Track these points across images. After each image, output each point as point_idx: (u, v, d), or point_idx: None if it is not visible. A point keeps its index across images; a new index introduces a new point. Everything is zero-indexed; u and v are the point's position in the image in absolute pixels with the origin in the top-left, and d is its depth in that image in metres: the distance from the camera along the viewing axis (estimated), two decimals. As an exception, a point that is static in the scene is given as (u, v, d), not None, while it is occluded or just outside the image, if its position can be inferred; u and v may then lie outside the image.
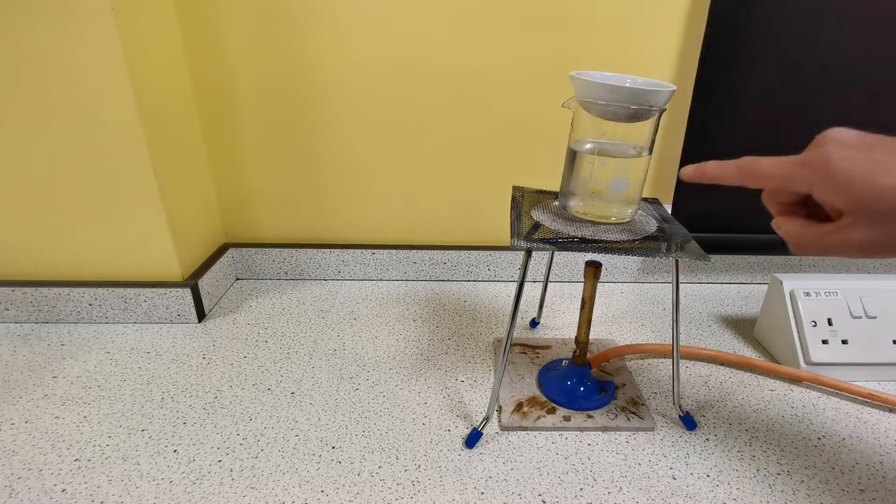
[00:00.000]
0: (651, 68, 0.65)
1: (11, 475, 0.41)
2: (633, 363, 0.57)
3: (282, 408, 0.49)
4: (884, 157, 0.26)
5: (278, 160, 0.69)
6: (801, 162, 0.29)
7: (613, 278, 0.77)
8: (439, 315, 0.66)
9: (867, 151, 0.27)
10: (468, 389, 0.52)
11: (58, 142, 0.54)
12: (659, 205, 0.51)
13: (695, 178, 0.35)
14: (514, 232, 0.42)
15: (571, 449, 0.45)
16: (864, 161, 0.27)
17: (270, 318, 0.64)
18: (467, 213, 0.73)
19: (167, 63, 0.59)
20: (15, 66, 0.51)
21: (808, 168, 0.28)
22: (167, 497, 0.39)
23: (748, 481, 0.42)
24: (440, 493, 0.40)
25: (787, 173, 0.29)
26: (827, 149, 0.28)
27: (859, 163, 0.27)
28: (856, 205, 0.27)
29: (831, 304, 0.56)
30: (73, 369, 0.53)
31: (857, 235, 0.27)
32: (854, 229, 0.27)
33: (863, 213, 0.27)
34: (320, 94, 0.65)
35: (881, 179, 0.26)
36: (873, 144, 0.27)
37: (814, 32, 0.61)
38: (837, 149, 0.27)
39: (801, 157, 0.29)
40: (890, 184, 0.26)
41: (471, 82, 0.65)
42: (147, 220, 0.58)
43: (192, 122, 0.64)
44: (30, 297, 0.60)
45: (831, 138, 0.28)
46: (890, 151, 0.26)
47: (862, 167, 0.26)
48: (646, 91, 0.38)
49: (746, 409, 0.50)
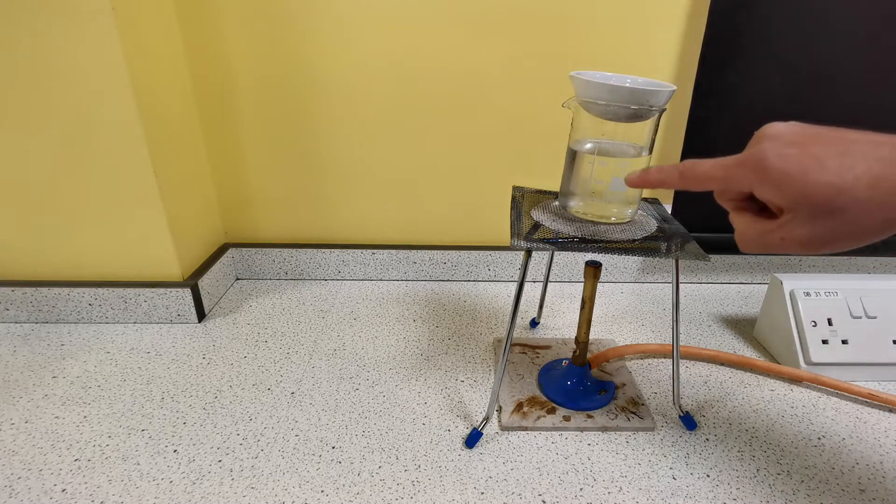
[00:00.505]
0: (651, 68, 0.65)
1: (11, 475, 0.41)
2: (633, 363, 0.57)
3: (282, 408, 0.49)
4: (819, 152, 0.26)
5: (278, 160, 0.69)
6: (738, 162, 0.29)
7: (613, 278, 0.77)
8: (439, 315, 0.66)
9: (802, 147, 0.26)
10: (468, 389, 0.52)
11: (58, 142, 0.54)
12: (659, 205, 0.51)
13: (638, 184, 0.35)
14: (514, 232, 0.42)
15: (571, 449, 0.45)
16: (800, 157, 0.26)
17: (270, 318, 0.64)
18: (467, 213, 0.73)
19: (167, 63, 0.59)
20: (15, 66, 0.51)
21: (745, 168, 0.28)
22: (167, 497, 0.39)
23: (748, 481, 0.42)
24: (440, 493, 0.40)
25: (726, 175, 0.29)
26: (763, 146, 0.27)
27: (794, 160, 0.26)
28: (793, 202, 0.26)
29: (831, 304, 0.56)
30: (73, 369, 0.53)
31: (796, 232, 0.27)
32: (793, 226, 0.27)
33: (801, 209, 0.26)
34: (320, 94, 0.65)
35: (816, 176, 0.25)
36: (809, 140, 0.27)
37: (813, 32, 0.61)
38: (773, 146, 0.27)
39: (739, 158, 0.29)
40: (825, 180, 0.25)
41: (471, 82, 0.65)
42: (147, 220, 0.58)
43: (192, 122, 0.64)
44: (30, 297, 0.60)
45: (767, 135, 0.28)
46: (825, 145, 0.26)
47: (797, 164, 0.26)
48: (646, 91, 0.38)
49: (746, 409, 0.50)
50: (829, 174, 0.25)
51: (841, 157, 0.25)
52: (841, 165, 0.25)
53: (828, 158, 0.25)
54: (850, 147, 0.25)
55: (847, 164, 0.25)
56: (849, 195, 0.25)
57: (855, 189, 0.25)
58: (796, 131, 0.27)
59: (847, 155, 0.25)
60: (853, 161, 0.25)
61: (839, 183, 0.25)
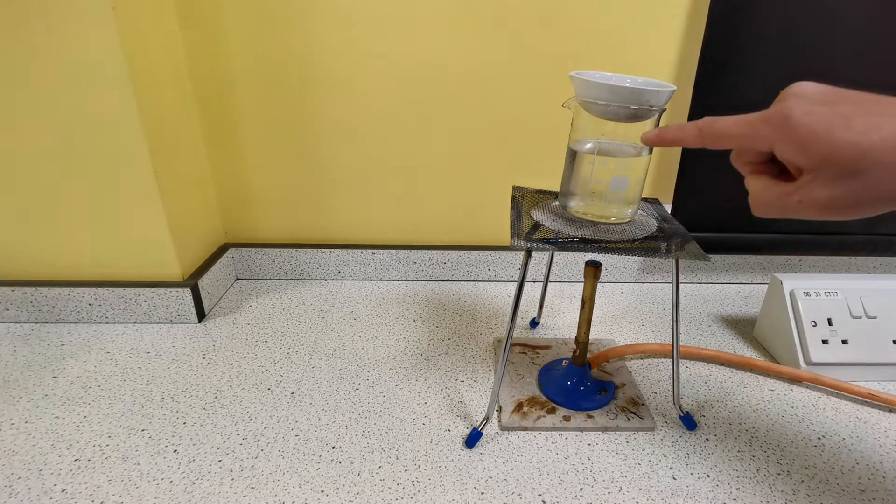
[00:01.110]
0: (651, 68, 0.65)
1: (11, 475, 0.41)
2: (633, 363, 0.57)
3: (282, 408, 0.49)
4: (847, 111, 0.25)
5: (278, 160, 0.69)
6: (763, 118, 0.27)
7: (613, 278, 0.77)
8: (439, 315, 0.66)
9: (830, 106, 0.25)
10: (468, 389, 0.52)
11: (58, 142, 0.54)
12: (659, 205, 0.51)
13: (655, 142, 0.34)
14: (514, 232, 0.42)
15: (571, 449, 0.45)
16: (827, 115, 0.25)
17: (270, 318, 0.64)
18: (467, 213, 0.73)
19: (167, 63, 0.59)
20: (15, 66, 0.51)
21: (768, 124, 0.27)
22: (167, 497, 0.39)
23: (748, 481, 0.42)
24: (440, 493, 0.40)
25: (748, 131, 0.28)
26: (789, 103, 0.26)
27: (821, 117, 0.25)
28: (816, 161, 0.25)
29: (831, 304, 0.56)
30: (73, 369, 0.53)
31: (817, 194, 0.26)
32: (814, 188, 0.26)
33: (823, 170, 0.25)
34: (320, 94, 0.65)
35: (842, 134, 0.24)
36: (838, 99, 0.25)
37: (813, 32, 0.61)
38: (800, 103, 0.26)
39: (763, 114, 0.27)
40: (851, 139, 0.24)
41: (470, 82, 0.65)
42: (147, 220, 0.58)
43: (192, 121, 0.64)
44: (30, 297, 0.60)
45: (794, 93, 0.27)
46: (854, 105, 0.25)
47: (823, 122, 0.25)
48: (646, 91, 0.38)
49: (746, 409, 0.50)
50: (854, 133, 0.24)
51: (869, 116, 0.24)
52: (868, 125, 0.24)
53: (855, 118, 0.24)
54: (880, 108, 0.24)
55: (875, 123, 0.24)
56: (873, 157, 0.24)
57: (880, 150, 0.24)
58: (826, 90, 0.26)
59: (876, 115, 0.24)
60: (881, 121, 0.24)
61: (864, 143, 0.24)
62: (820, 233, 0.73)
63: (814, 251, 0.74)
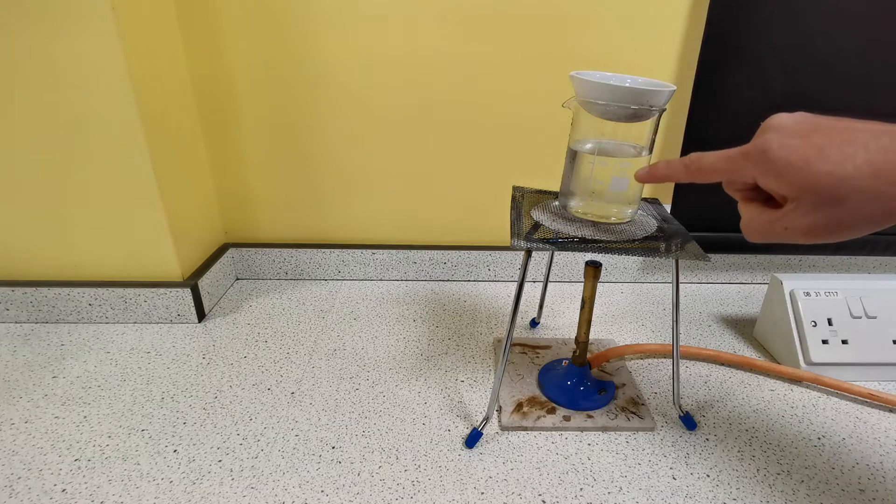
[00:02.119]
0: (651, 68, 0.65)
1: (11, 475, 0.41)
2: (633, 363, 0.57)
3: (282, 408, 0.49)
4: (821, 142, 0.26)
5: (278, 160, 0.69)
6: (742, 154, 0.29)
7: (613, 278, 0.77)
8: (439, 315, 0.66)
9: (805, 138, 0.27)
10: (468, 389, 0.52)
11: (58, 142, 0.54)
12: (659, 205, 0.51)
13: (646, 179, 0.36)
14: (514, 232, 0.42)
15: (571, 449, 0.45)
16: (802, 147, 0.26)
17: (270, 318, 0.64)
18: (467, 212, 0.73)
19: (167, 63, 0.59)
20: (15, 66, 0.51)
21: (748, 159, 0.29)
22: (167, 497, 0.39)
23: (748, 481, 0.42)
24: (440, 493, 0.40)
25: (730, 167, 0.30)
26: (766, 136, 0.28)
27: (797, 150, 0.26)
28: (796, 191, 0.27)
29: (831, 304, 0.56)
30: (73, 369, 0.53)
31: (800, 221, 0.27)
32: (797, 215, 0.27)
33: (804, 199, 0.27)
34: (321, 94, 0.65)
35: (818, 165, 0.26)
36: (812, 129, 0.27)
37: (813, 32, 0.61)
38: (776, 137, 0.27)
39: (742, 150, 0.29)
40: (826, 169, 0.25)
41: (471, 82, 0.65)
42: (147, 220, 0.58)
43: (192, 122, 0.64)
44: (30, 297, 0.60)
45: (772, 126, 0.28)
46: (827, 135, 0.26)
47: (799, 154, 0.26)
48: (646, 91, 0.38)
49: (746, 409, 0.50)
50: (830, 164, 0.25)
51: (842, 146, 0.25)
52: (842, 155, 0.25)
53: (830, 148, 0.26)
54: (852, 136, 0.26)
55: (849, 153, 0.25)
56: (850, 184, 0.25)
57: (856, 178, 0.25)
58: (799, 121, 0.28)
59: (849, 144, 0.25)
60: (855, 150, 0.25)
61: (840, 173, 0.25)
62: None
63: (814, 251, 0.74)
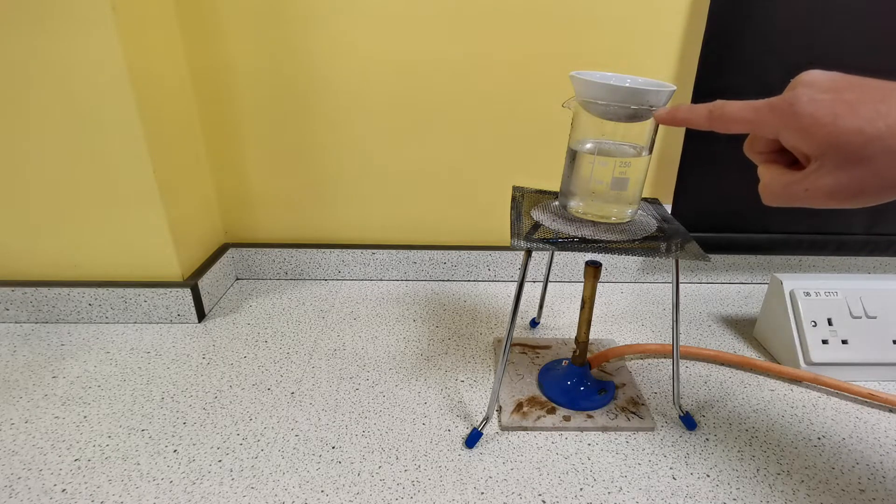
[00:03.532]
0: (651, 68, 0.65)
1: (11, 475, 0.41)
2: (633, 363, 0.57)
3: (282, 408, 0.49)
4: (852, 98, 0.25)
5: (278, 160, 0.69)
6: (770, 105, 0.28)
7: (613, 278, 0.77)
8: (439, 315, 0.66)
9: (836, 93, 0.25)
10: (468, 389, 0.52)
11: (58, 142, 0.54)
12: (659, 205, 0.51)
13: (667, 121, 0.34)
14: (514, 232, 0.42)
15: (571, 449, 0.45)
16: (832, 103, 0.25)
17: (270, 318, 0.64)
18: (467, 212, 0.73)
19: (167, 63, 0.59)
20: (15, 66, 0.51)
21: (775, 111, 0.27)
22: (167, 497, 0.39)
23: (748, 481, 0.42)
24: (440, 493, 0.40)
25: (755, 117, 0.28)
26: (797, 92, 0.26)
27: (826, 105, 0.25)
28: (821, 149, 0.25)
29: (831, 304, 0.56)
30: (73, 369, 0.53)
31: (823, 182, 0.26)
32: (820, 175, 0.26)
33: (829, 157, 0.25)
34: (321, 94, 0.65)
35: (847, 121, 0.24)
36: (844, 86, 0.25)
37: (814, 32, 0.61)
38: (806, 91, 0.26)
39: (770, 101, 0.28)
40: (856, 126, 0.24)
41: (471, 82, 0.65)
42: (147, 220, 0.58)
43: (192, 121, 0.64)
44: (30, 297, 0.60)
45: (802, 81, 0.27)
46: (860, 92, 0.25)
47: (828, 109, 0.25)
48: (646, 91, 0.38)
49: (746, 409, 0.50)
50: (860, 120, 0.24)
51: (875, 104, 0.24)
52: (874, 112, 0.24)
53: (861, 105, 0.24)
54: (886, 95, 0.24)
55: (881, 111, 0.24)
56: (879, 144, 0.24)
57: (885, 137, 0.24)
58: (834, 78, 0.26)
59: (882, 102, 0.24)
60: (888, 108, 0.24)
61: (870, 130, 0.24)
62: (820, 233, 0.73)
63: (814, 251, 0.74)
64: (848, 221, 0.72)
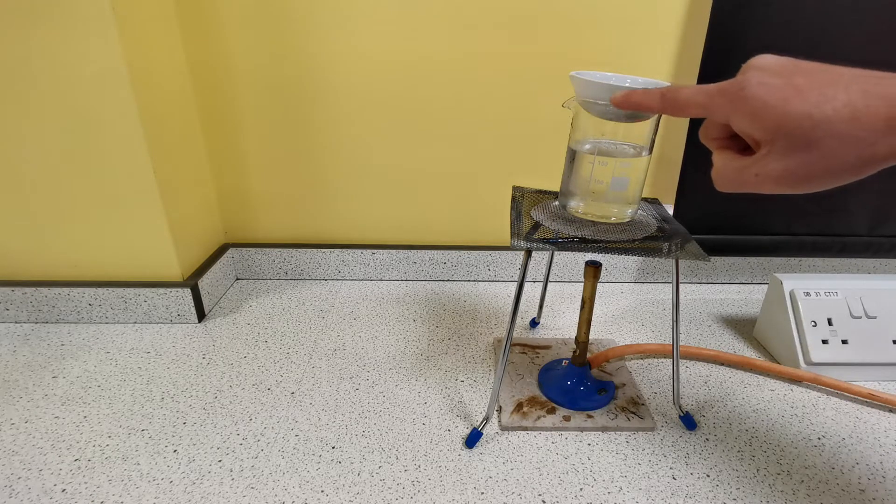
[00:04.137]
0: (651, 68, 0.65)
1: (11, 475, 0.41)
2: (633, 363, 0.57)
3: (282, 408, 0.49)
4: (801, 82, 0.25)
5: (278, 160, 0.69)
6: (720, 90, 0.27)
7: (613, 278, 0.77)
8: (439, 315, 0.66)
9: (786, 77, 0.25)
10: (468, 389, 0.52)
11: (58, 142, 0.54)
12: (659, 205, 0.51)
13: (622, 104, 0.34)
14: (514, 232, 0.42)
15: (571, 449, 0.45)
16: (781, 87, 0.25)
17: (270, 318, 0.64)
18: (467, 213, 0.73)
19: (167, 63, 0.59)
20: (14, 67, 0.51)
21: (725, 96, 0.27)
22: (167, 497, 0.39)
23: (748, 481, 0.42)
24: (440, 493, 0.40)
25: (706, 101, 0.28)
26: (747, 76, 0.26)
27: (775, 89, 0.25)
28: (770, 133, 0.25)
29: (831, 304, 0.56)
30: (73, 369, 0.53)
31: (771, 167, 0.26)
32: (769, 160, 0.26)
33: (778, 142, 0.25)
34: (320, 93, 0.65)
35: (795, 105, 0.24)
36: (793, 70, 0.25)
37: (815, 32, 0.60)
38: (756, 74, 0.26)
39: (720, 85, 0.28)
40: (804, 110, 0.24)
41: (471, 82, 0.65)
42: (147, 220, 0.58)
43: (192, 122, 0.64)
44: (30, 297, 0.60)
45: (752, 66, 0.27)
46: (809, 76, 0.25)
47: (777, 93, 0.25)
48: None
49: (746, 409, 0.50)
50: (808, 105, 0.24)
51: (823, 88, 0.24)
52: (822, 96, 0.24)
53: (810, 89, 0.24)
54: (834, 78, 0.24)
55: (829, 95, 0.24)
56: (826, 128, 0.24)
57: (833, 122, 0.24)
58: (783, 62, 0.26)
59: (830, 86, 0.24)
60: (835, 92, 0.24)
61: (817, 114, 0.24)
62: (824, 234, 0.72)
63: (817, 253, 0.74)
64: (851, 223, 0.72)
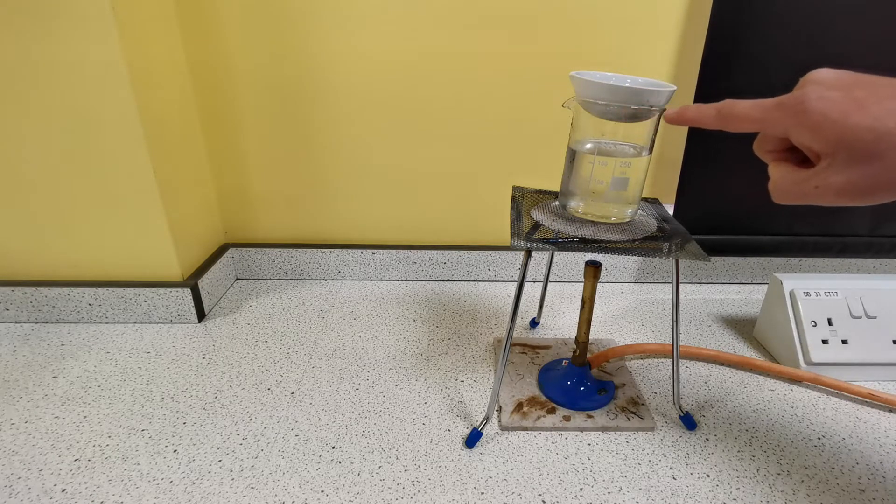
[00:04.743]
0: (651, 68, 0.65)
1: (11, 475, 0.41)
2: (633, 363, 0.57)
3: (282, 408, 0.49)
4: (862, 95, 0.25)
5: (278, 160, 0.69)
6: (778, 104, 0.28)
7: (613, 278, 0.77)
8: (439, 315, 0.66)
9: (845, 91, 0.25)
10: (468, 389, 0.52)
11: (58, 142, 0.54)
12: (659, 205, 0.51)
13: (676, 121, 0.34)
14: (514, 232, 0.42)
15: (571, 449, 0.45)
16: (841, 100, 0.25)
17: (270, 318, 0.64)
18: (467, 213, 0.73)
19: (167, 63, 0.59)
20: (15, 66, 0.51)
21: (783, 110, 0.27)
22: (167, 497, 0.39)
23: (748, 481, 0.42)
24: (440, 493, 0.40)
25: (764, 116, 0.28)
26: (805, 90, 0.26)
27: (835, 102, 0.25)
28: (831, 146, 0.25)
29: (831, 304, 0.56)
30: (73, 369, 0.53)
31: (832, 179, 0.26)
32: (830, 173, 0.26)
33: (839, 155, 0.25)
34: (320, 93, 0.65)
35: (856, 118, 0.24)
36: (853, 84, 0.26)
37: (816, 32, 0.60)
38: (815, 89, 0.26)
39: (779, 99, 0.28)
40: (865, 124, 0.24)
41: (471, 82, 0.65)
42: (147, 220, 0.58)
43: (192, 121, 0.64)
44: (30, 297, 0.60)
45: (811, 80, 0.27)
46: (870, 89, 0.25)
47: (838, 107, 0.25)
48: (646, 91, 0.38)
49: (746, 409, 0.50)
50: (870, 118, 0.24)
51: (884, 101, 0.24)
52: (884, 110, 0.24)
53: (871, 102, 0.24)
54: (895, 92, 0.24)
55: (890, 108, 0.24)
56: (889, 140, 0.24)
57: None
58: (841, 75, 0.26)
59: (891, 99, 0.24)
60: None
61: (880, 128, 0.24)
62: (825, 235, 0.72)
63: (818, 254, 0.74)
64: (852, 223, 0.72)
